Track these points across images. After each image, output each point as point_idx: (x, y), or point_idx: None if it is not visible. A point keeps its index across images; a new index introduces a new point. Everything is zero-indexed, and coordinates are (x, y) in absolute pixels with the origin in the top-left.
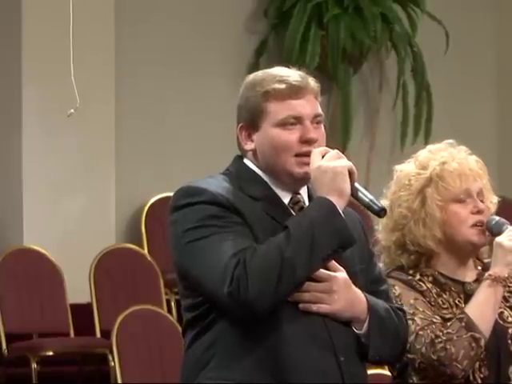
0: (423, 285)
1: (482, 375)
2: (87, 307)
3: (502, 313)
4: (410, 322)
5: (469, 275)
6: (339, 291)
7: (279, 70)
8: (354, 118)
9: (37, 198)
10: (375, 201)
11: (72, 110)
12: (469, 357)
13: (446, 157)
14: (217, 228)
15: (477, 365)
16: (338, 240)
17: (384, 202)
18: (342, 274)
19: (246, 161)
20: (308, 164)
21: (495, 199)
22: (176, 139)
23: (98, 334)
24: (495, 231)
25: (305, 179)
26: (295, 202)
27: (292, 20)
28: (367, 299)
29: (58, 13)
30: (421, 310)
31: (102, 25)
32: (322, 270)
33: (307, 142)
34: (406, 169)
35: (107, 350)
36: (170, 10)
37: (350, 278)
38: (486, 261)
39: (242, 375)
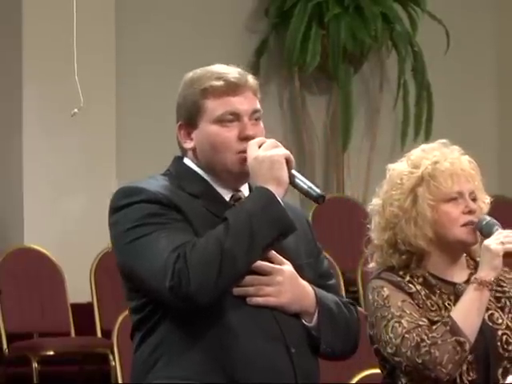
0: (412, 287)
1: (469, 378)
2: (88, 307)
3: (492, 314)
4: (396, 324)
5: (460, 276)
6: (285, 284)
7: (218, 67)
8: (354, 117)
9: (37, 198)
10: (314, 187)
11: (76, 110)
12: (453, 361)
13: (438, 156)
14: (157, 225)
15: (464, 367)
16: (277, 228)
17: (376, 201)
18: (287, 267)
19: (185, 160)
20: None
21: (488, 199)
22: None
23: (99, 334)
24: (485, 232)
25: (245, 176)
26: (236, 198)
27: (293, 19)
28: (315, 292)
29: (58, 12)
30: (408, 312)
31: (102, 24)
32: (267, 263)
33: (246, 139)
34: (399, 168)
35: (108, 349)
36: (170, 10)
37: (296, 270)
38: (478, 260)
39: (192, 371)
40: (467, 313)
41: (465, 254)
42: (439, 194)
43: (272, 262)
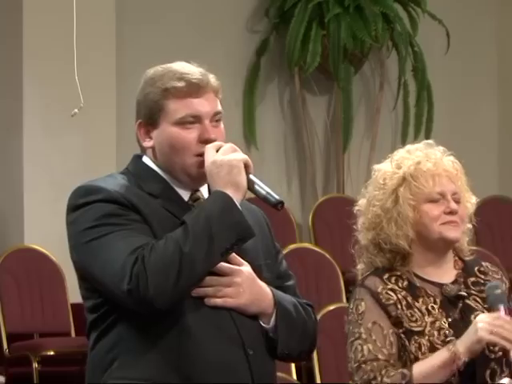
0: (393, 295)
1: (456, 379)
2: None
3: (478, 316)
4: (359, 346)
5: (448, 276)
6: (244, 285)
7: (179, 66)
8: (354, 117)
9: (38, 198)
10: (272, 193)
11: (76, 110)
12: None
13: (421, 157)
14: (115, 226)
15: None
16: (235, 233)
17: (362, 201)
18: (246, 268)
19: (144, 159)
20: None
21: (474, 199)
22: None
23: None
24: (490, 301)
25: (202, 178)
26: (195, 199)
27: (293, 20)
28: (273, 293)
29: (58, 13)
30: (373, 338)
31: (102, 24)
32: (226, 264)
33: (206, 141)
34: (383, 168)
35: None
36: (170, 10)
37: (255, 271)
38: (467, 259)
39: (148, 373)
40: (428, 376)
41: (453, 254)
42: (420, 195)
43: (231, 263)
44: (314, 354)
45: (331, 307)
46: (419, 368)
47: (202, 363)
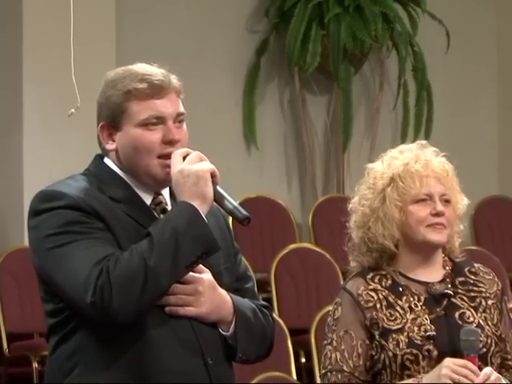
0: (374, 297)
1: None
2: None
3: (463, 313)
4: (329, 353)
5: (435, 275)
6: (205, 293)
7: (140, 68)
8: (354, 117)
9: None
10: (239, 208)
11: (73, 110)
12: None
13: (410, 158)
14: (78, 234)
15: (429, 362)
16: (201, 246)
17: (354, 200)
18: (207, 276)
19: (106, 160)
20: (170, 166)
21: (465, 200)
22: None
23: None
24: (462, 346)
25: (167, 181)
26: (157, 203)
27: (293, 19)
28: (233, 301)
29: (56, 15)
30: (342, 348)
31: (102, 24)
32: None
33: (170, 142)
34: (375, 168)
35: None
36: (170, 10)
37: (215, 278)
38: (457, 260)
39: (107, 380)
40: None
41: (443, 255)
42: (407, 196)
43: (192, 270)
44: (314, 353)
45: (331, 307)
46: None
47: (162, 372)
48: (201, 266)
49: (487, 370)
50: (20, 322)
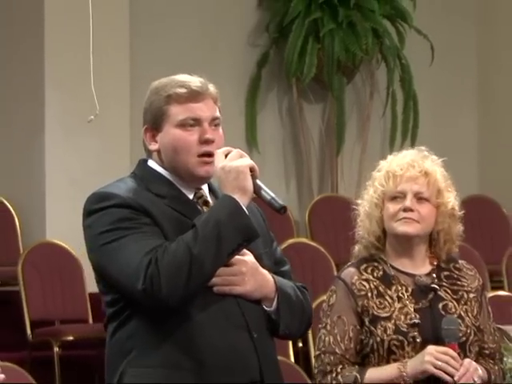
0: (366, 285)
1: None
2: None
3: (446, 305)
4: (323, 336)
5: (422, 269)
6: (248, 273)
7: (182, 77)
8: (347, 123)
9: (58, 196)
10: (276, 198)
11: (92, 117)
12: None
13: (392, 159)
14: (128, 230)
15: (412, 353)
16: (242, 235)
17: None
18: (249, 258)
19: (150, 162)
20: (208, 164)
21: (451, 198)
22: None
23: None
24: (443, 335)
25: (205, 178)
26: (198, 196)
27: (291, 34)
28: (274, 279)
29: (76, 27)
30: (335, 332)
31: (117, 38)
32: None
33: (205, 142)
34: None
35: None
36: (180, 26)
37: (257, 260)
38: (443, 257)
39: (163, 360)
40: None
41: (429, 251)
42: (383, 194)
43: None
44: (310, 339)
45: (325, 296)
46: (370, 375)
47: (212, 348)
48: (244, 249)
49: (466, 362)
50: (42, 310)
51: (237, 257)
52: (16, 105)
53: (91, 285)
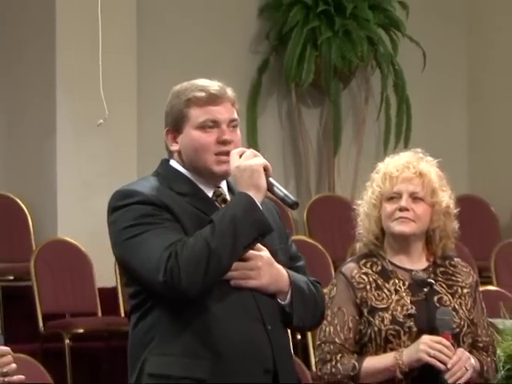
0: (365, 279)
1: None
2: (112, 291)
3: (441, 298)
4: (323, 326)
5: (418, 264)
6: (264, 267)
7: (201, 81)
8: (343, 126)
9: (69, 196)
10: (289, 195)
11: (101, 120)
12: None
13: (388, 161)
14: (150, 225)
15: (408, 342)
16: (257, 229)
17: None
18: (265, 253)
19: (171, 162)
20: (225, 162)
21: (445, 197)
22: None
23: (122, 314)
24: (437, 325)
25: (223, 176)
26: (218, 194)
27: (290, 42)
28: (288, 274)
29: (88, 33)
30: (335, 322)
31: (125, 45)
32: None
33: (223, 142)
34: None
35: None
36: (185, 33)
37: (272, 255)
38: (439, 254)
39: (182, 349)
40: (372, 374)
41: (425, 249)
42: (380, 194)
43: (252, 249)
44: (308, 332)
45: (326, 289)
46: (368, 363)
47: (228, 339)
48: (259, 245)
49: (459, 351)
50: (54, 304)
51: (253, 252)
52: (29, 108)
53: (100, 280)
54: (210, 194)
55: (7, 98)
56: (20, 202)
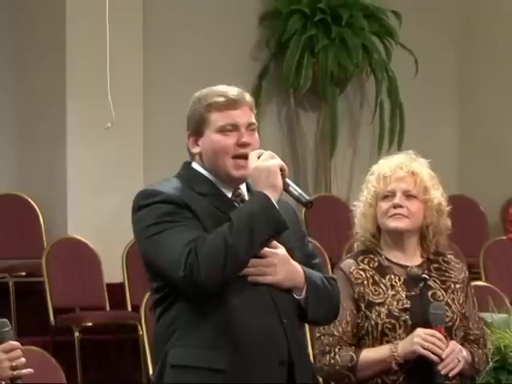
0: (362, 274)
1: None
2: (120, 286)
3: (434, 293)
4: None
5: (413, 261)
6: (280, 264)
7: (221, 87)
8: (339, 130)
9: (79, 197)
10: (304, 194)
11: (109, 124)
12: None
13: (382, 162)
14: (172, 223)
15: (404, 335)
16: (273, 227)
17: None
18: (281, 250)
19: (193, 165)
20: (243, 167)
21: (437, 194)
22: None
23: (130, 308)
24: (430, 319)
25: (241, 179)
26: (237, 195)
27: (289, 50)
28: (304, 270)
29: (96, 43)
30: None
31: (132, 53)
32: (265, 248)
33: (242, 145)
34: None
35: (137, 321)
36: (190, 41)
37: (288, 253)
38: (433, 251)
39: (202, 341)
40: (369, 366)
41: (420, 246)
42: (375, 194)
43: (268, 247)
44: (306, 325)
45: None
46: (365, 355)
47: (246, 332)
48: (276, 243)
49: (452, 343)
50: (64, 298)
51: (270, 250)
52: (41, 113)
53: (108, 275)
54: (229, 194)
55: (21, 103)
56: (32, 202)
